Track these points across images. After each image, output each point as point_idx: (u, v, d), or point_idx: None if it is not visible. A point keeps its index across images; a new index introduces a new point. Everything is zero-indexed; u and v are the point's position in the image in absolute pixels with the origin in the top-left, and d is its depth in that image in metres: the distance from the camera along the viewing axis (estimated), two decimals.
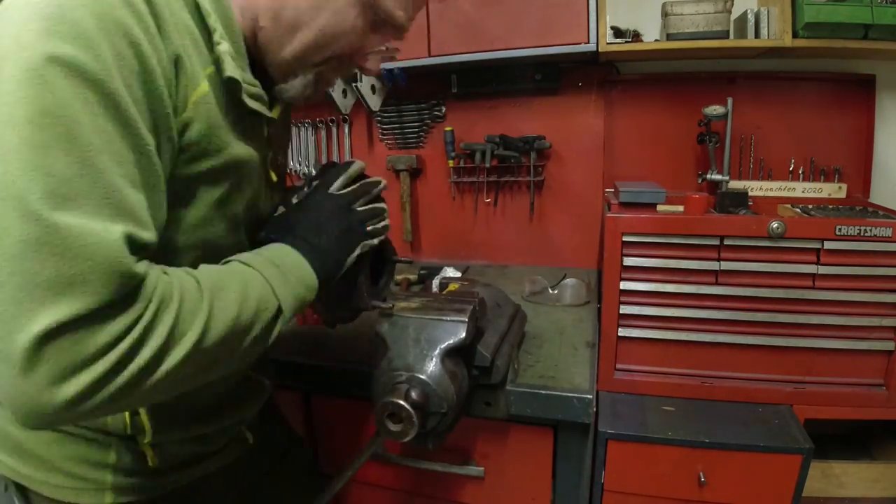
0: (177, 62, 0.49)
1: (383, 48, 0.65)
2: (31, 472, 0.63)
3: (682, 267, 1.10)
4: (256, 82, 0.60)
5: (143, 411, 0.62)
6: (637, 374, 1.18)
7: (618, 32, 1.39)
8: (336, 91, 1.60)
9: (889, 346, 1.07)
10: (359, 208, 0.69)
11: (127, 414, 0.61)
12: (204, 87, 0.53)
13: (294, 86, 0.63)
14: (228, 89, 0.56)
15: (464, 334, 0.75)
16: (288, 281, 0.58)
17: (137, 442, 0.63)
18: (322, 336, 1.18)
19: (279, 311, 0.57)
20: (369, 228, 0.70)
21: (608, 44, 1.31)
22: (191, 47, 0.52)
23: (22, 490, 0.66)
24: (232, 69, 0.55)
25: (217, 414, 0.69)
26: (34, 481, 0.63)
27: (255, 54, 0.61)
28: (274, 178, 0.71)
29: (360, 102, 1.60)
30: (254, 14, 0.58)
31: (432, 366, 0.74)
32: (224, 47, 0.55)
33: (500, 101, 1.65)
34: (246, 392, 0.74)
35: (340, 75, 0.69)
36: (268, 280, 0.56)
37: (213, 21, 0.54)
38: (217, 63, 0.55)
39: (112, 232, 0.42)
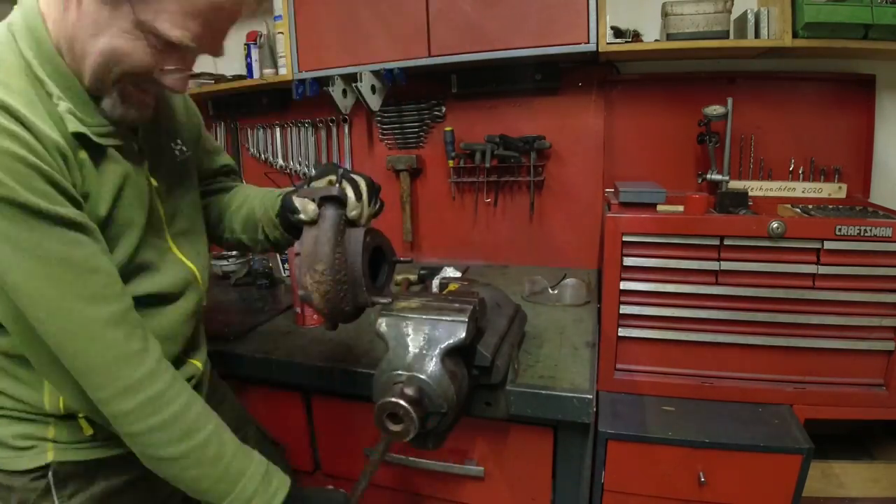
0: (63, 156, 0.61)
1: (180, 68, 0.66)
2: None
3: (682, 267, 1.10)
4: (104, 121, 0.67)
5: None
6: (637, 374, 1.18)
7: (618, 32, 1.39)
8: (336, 91, 1.60)
9: (889, 346, 1.07)
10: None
11: (61, 398, 0.71)
12: (63, 130, 0.62)
13: (105, 107, 0.67)
14: (83, 140, 0.64)
15: (464, 334, 0.75)
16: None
17: (75, 418, 0.72)
18: (322, 336, 1.18)
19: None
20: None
21: (608, 44, 1.31)
22: (55, 130, 0.61)
23: None
24: (74, 125, 0.63)
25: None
26: None
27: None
28: (154, 182, 0.76)
29: (360, 102, 1.60)
30: (62, 52, 0.64)
31: (432, 366, 0.74)
32: (62, 107, 0.63)
33: (500, 101, 1.65)
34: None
35: (148, 95, 0.70)
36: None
37: (50, 87, 0.62)
38: (63, 122, 0.62)
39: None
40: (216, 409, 0.75)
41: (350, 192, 0.77)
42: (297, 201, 0.77)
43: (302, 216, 0.77)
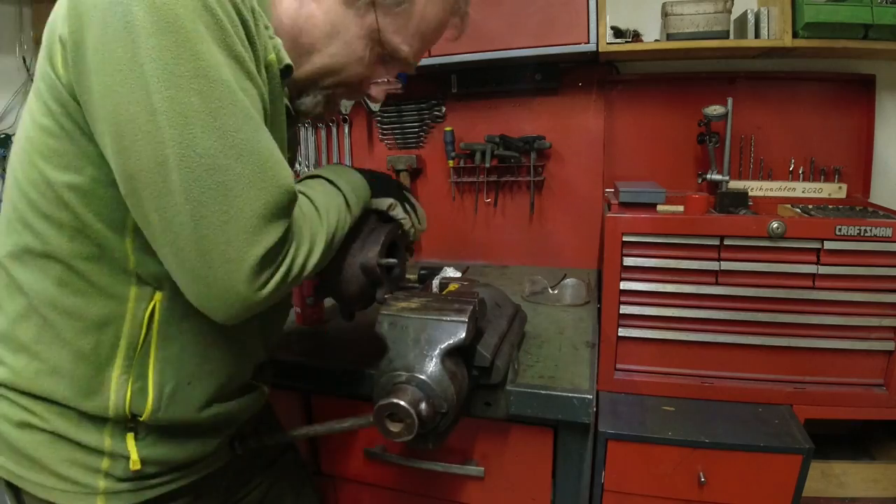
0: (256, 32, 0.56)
1: (387, 80, 0.70)
2: (24, 472, 0.63)
3: (682, 267, 1.10)
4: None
5: (150, 386, 0.62)
6: (637, 374, 1.18)
7: (618, 32, 1.39)
8: None
9: (889, 346, 1.07)
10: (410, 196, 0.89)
11: (129, 391, 0.61)
12: (272, 57, 0.59)
13: (305, 102, 0.69)
14: (272, 87, 0.61)
15: (464, 334, 0.75)
16: (356, 195, 0.73)
17: (124, 438, 0.63)
18: (322, 336, 1.18)
19: (350, 213, 0.72)
20: (404, 213, 0.86)
21: (608, 44, 1.31)
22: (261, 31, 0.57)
23: (14, 490, 0.65)
24: (288, 58, 0.60)
25: (212, 406, 0.69)
26: (27, 482, 0.63)
27: None
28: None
29: (360, 102, 1.60)
30: (277, 34, 0.62)
31: (432, 366, 0.74)
32: (278, 41, 0.60)
33: (500, 101, 1.65)
34: (241, 394, 0.74)
35: (348, 98, 0.75)
36: (346, 197, 0.71)
37: (265, 21, 0.59)
38: (275, 51, 0.60)
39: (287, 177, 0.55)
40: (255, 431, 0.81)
41: (407, 219, 0.87)
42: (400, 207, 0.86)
43: (395, 214, 0.85)
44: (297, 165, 1.90)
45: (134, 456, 0.63)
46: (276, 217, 0.54)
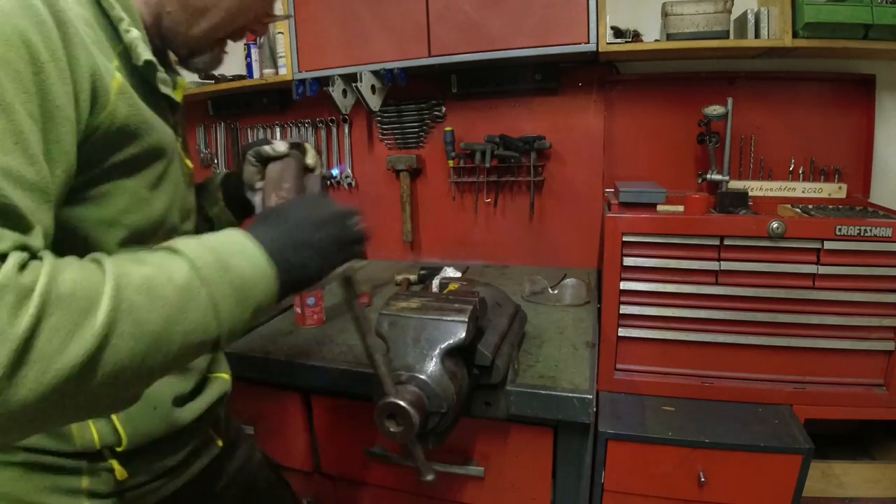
0: (92, 73, 0.48)
1: (280, 14, 0.72)
2: None
3: (682, 267, 1.10)
4: (161, 67, 0.60)
5: (114, 418, 0.60)
6: (637, 374, 1.18)
7: (618, 32, 1.39)
8: (336, 91, 1.60)
9: (889, 346, 1.07)
10: (355, 219, 0.65)
11: (92, 425, 0.58)
12: (118, 78, 0.52)
13: (203, 60, 0.67)
14: (140, 76, 0.57)
15: (464, 334, 0.75)
16: (238, 296, 0.49)
17: (105, 457, 0.61)
18: (322, 336, 1.18)
19: (217, 339, 0.48)
20: (360, 249, 0.66)
21: (608, 44, 1.31)
22: (95, 47, 0.50)
23: None
24: (147, 53, 0.56)
25: (183, 413, 0.67)
26: None
27: (156, 40, 0.63)
28: (189, 164, 0.71)
29: (359, 102, 1.60)
30: (160, 3, 0.61)
31: (432, 366, 0.74)
32: (133, 34, 0.55)
33: (500, 101, 1.65)
34: (206, 388, 0.72)
35: (232, 40, 0.71)
36: (211, 294, 0.46)
37: (118, 12, 0.55)
38: (126, 52, 0.55)
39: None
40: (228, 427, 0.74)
41: (308, 146, 0.79)
42: (268, 143, 0.75)
43: (273, 148, 0.74)
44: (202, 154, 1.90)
45: (117, 467, 0.61)
46: None
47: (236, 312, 0.49)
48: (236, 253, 0.50)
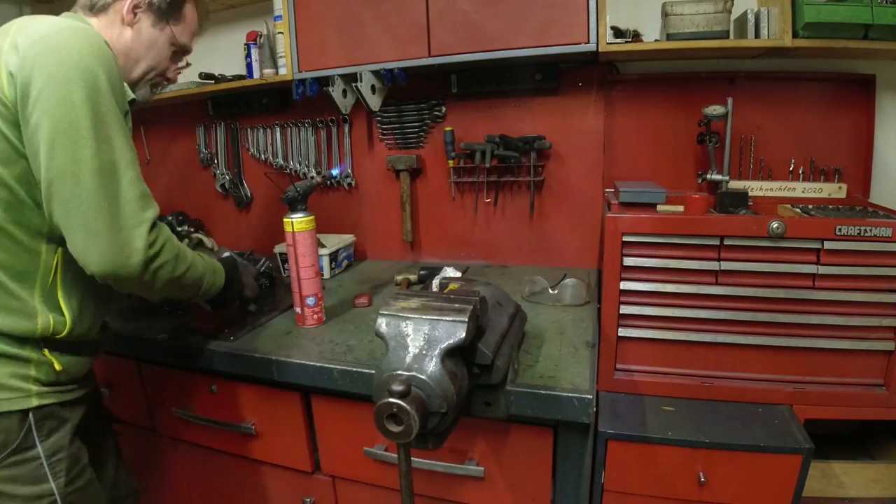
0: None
1: (183, 64, 1.11)
2: None
3: (682, 267, 1.10)
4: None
5: (65, 312, 0.90)
6: (637, 374, 1.18)
7: (618, 32, 1.39)
8: (336, 91, 1.60)
9: (889, 346, 1.07)
10: (258, 281, 1.33)
11: (50, 318, 0.88)
12: (126, 106, 0.91)
13: (140, 94, 1.03)
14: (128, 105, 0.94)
15: (464, 334, 0.75)
16: (214, 279, 1.07)
17: (49, 349, 0.89)
18: (322, 336, 1.18)
19: (203, 286, 1.04)
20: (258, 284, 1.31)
21: (608, 44, 1.31)
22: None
23: None
24: (130, 94, 0.96)
25: (99, 330, 1.00)
26: None
27: None
28: None
29: (360, 102, 1.60)
30: (115, 54, 0.90)
31: (432, 366, 0.74)
32: (127, 90, 0.94)
33: (500, 101, 1.65)
34: (104, 329, 1.05)
35: (160, 84, 1.08)
36: (209, 274, 1.05)
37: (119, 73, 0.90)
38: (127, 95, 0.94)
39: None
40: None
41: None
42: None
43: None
44: (290, 163, 1.90)
45: (56, 364, 0.90)
46: (149, 202, 0.86)
47: (209, 289, 1.05)
48: (219, 269, 1.09)
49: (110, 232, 0.80)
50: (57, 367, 0.90)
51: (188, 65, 1.13)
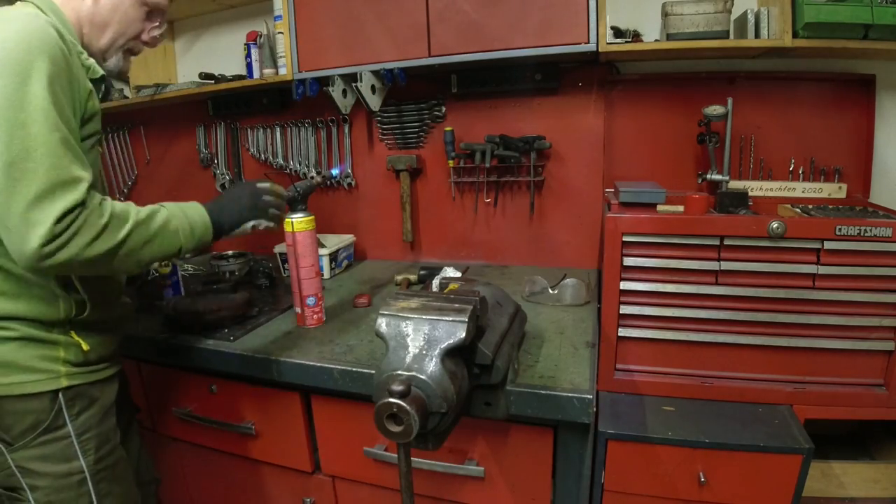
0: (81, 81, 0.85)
1: (157, 24, 1.01)
2: (3, 379, 0.84)
3: (682, 267, 1.10)
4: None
5: (83, 295, 0.91)
6: (637, 374, 1.18)
7: (618, 32, 1.39)
8: (336, 91, 1.60)
9: (889, 346, 1.07)
10: (266, 197, 1.02)
11: (71, 301, 0.89)
12: (87, 85, 0.87)
13: (110, 64, 0.97)
14: (95, 84, 0.90)
15: (464, 334, 0.75)
16: (191, 227, 0.92)
17: (76, 331, 0.91)
18: (322, 336, 1.18)
19: (180, 250, 0.92)
20: (270, 212, 1.03)
21: (608, 44, 1.31)
22: (79, 69, 0.85)
23: None
24: (98, 71, 0.90)
25: (116, 308, 1.01)
26: (5, 386, 0.84)
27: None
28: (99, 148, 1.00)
29: (360, 102, 1.60)
30: (79, 25, 0.92)
31: (432, 366, 0.74)
32: (89, 62, 0.89)
33: (500, 101, 1.65)
34: (123, 306, 1.05)
35: (135, 51, 1.01)
36: (177, 225, 0.90)
37: (75, 46, 0.86)
38: (87, 69, 0.89)
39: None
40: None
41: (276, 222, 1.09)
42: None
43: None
44: (290, 163, 1.90)
45: (84, 345, 0.91)
46: (61, 192, 0.75)
47: (189, 238, 0.92)
48: (191, 207, 0.94)
49: (7, 228, 0.74)
50: (84, 347, 0.91)
51: (165, 25, 1.05)
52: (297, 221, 1.16)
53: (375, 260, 1.89)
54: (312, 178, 1.88)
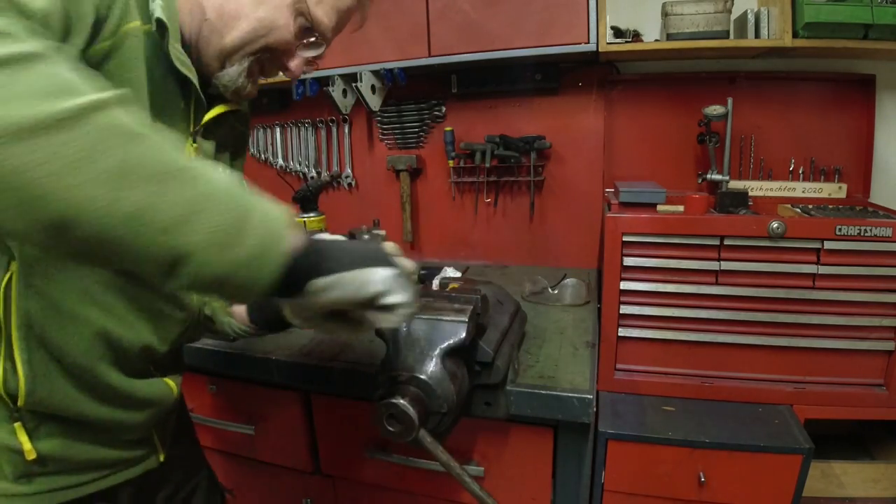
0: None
1: (309, 55, 0.71)
2: None
3: (682, 267, 1.10)
4: (186, 56, 0.63)
5: (18, 362, 0.56)
6: (637, 374, 1.18)
7: (618, 32, 1.39)
8: (336, 91, 1.60)
9: (889, 346, 1.07)
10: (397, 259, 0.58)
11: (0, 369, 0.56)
12: (136, 23, 0.57)
13: (228, 73, 0.67)
14: (159, 49, 0.60)
15: (464, 335, 0.75)
16: (243, 222, 0.44)
17: (15, 427, 0.58)
18: (322, 336, 1.18)
19: (176, 259, 0.42)
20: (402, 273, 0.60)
21: (608, 44, 1.31)
22: None
23: None
24: (160, 12, 0.58)
25: (112, 400, 0.64)
26: None
27: (194, 54, 0.66)
28: (194, 144, 0.70)
29: (360, 102, 1.60)
30: (202, 10, 0.65)
31: (432, 366, 0.74)
32: (158, 2, 0.59)
33: (500, 101, 1.65)
34: (147, 388, 0.68)
35: (267, 72, 0.72)
36: (208, 202, 0.43)
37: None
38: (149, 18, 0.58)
39: None
40: (176, 443, 0.77)
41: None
42: None
43: None
44: (290, 163, 1.90)
45: (27, 446, 0.58)
46: None
47: (224, 241, 0.43)
48: (266, 203, 0.48)
49: None
50: (28, 453, 0.58)
51: (317, 62, 0.74)
52: (310, 220, 1.16)
53: None
54: (322, 175, 1.87)
